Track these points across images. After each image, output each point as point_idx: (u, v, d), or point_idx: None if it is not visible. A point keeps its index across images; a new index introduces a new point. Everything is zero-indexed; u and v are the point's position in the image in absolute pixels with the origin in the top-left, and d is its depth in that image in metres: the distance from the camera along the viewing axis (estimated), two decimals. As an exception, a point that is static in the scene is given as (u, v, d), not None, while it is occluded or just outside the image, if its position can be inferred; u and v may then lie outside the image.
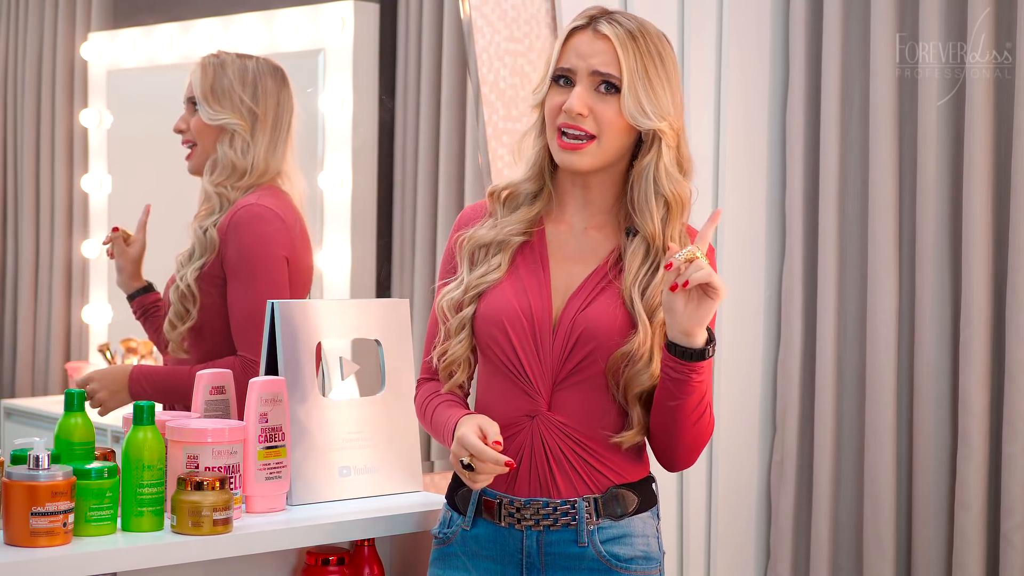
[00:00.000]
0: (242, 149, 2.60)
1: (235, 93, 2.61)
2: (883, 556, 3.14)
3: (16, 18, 3.20)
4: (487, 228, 2.07)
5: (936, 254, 3.08)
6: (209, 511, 1.98)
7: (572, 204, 2.07)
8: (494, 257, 2.04)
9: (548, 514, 2.00)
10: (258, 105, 2.62)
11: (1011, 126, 2.97)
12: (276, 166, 2.64)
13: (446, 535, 2.08)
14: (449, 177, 3.23)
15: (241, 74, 2.62)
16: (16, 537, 1.88)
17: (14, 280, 3.23)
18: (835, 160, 3.24)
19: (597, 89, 1.99)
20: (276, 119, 2.64)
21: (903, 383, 3.18)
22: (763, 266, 3.43)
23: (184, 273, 2.55)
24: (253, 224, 2.52)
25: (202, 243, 2.55)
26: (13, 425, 3.13)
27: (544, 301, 2.01)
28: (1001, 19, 3.01)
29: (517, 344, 2.00)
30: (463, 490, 2.07)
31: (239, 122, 2.60)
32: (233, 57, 2.65)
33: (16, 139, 3.22)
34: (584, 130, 1.98)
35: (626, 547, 2.01)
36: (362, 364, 2.45)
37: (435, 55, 3.23)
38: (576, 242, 2.06)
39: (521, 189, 2.07)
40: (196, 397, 2.23)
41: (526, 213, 2.06)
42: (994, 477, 3.01)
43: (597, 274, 2.03)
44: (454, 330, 2.04)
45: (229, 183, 2.60)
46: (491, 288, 2.03)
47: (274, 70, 2.67)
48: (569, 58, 2.01)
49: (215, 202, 2.59)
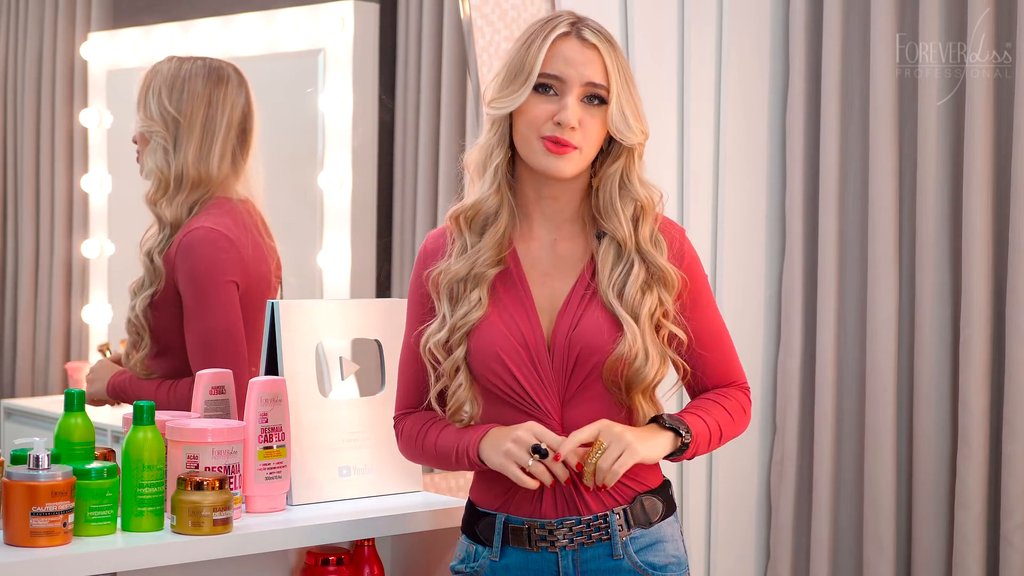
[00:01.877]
0: (163, 158, 2.50)
1: (160, 99, 2.50)
2: (883, 556, 3.14)
3: (16, 18, 3.20)
4: (459, 260, 2.00)
5: (936, 254, 3.08)
6: (209, 511, 1.98)
7: (537, 217, 2.03)
8: (472, 292, 1.99)
9: (582, 531, 1.98)
10: (181, 110, 2.50)
11: (1011, 126, 2.97)
12: (218, 173, 2.51)
13: (473, 569, 2.04)
14: (449, 177, 3.23)
15: (171, 79, 2.51)
16: (16, 537, 1.88)
17: (14, 280, 3.23)
18: (835, 160, 3.24)
19: (583, 101, 1.95)
20: (206, 122, 2.50)
21: (903, 383, 3.18)
22: (763, 266, 3.43)
23: (134, 303, 2.49)
24: (198, 249, 2.43)
25: (150, 272, 2.48)
26: (13, 425, 3.13)
27: (534, 324, 1.99)
28: (1001, 19, 3.01)
29: (518, 373, 1.97)
30: (484, 521, 2.03)
31: (158, 129, 2.50)
32: (173, 63, 2.54)
33: (16, 139, 3.22)
34: (572, 144, 1.94)
35: (659, 554, 2.01)
36: (362, 364, 2.44)
37: (435, 55, 3.23)
38: (548, 257, 2.03)
39: (484, 207, 2.00)
40: (196, 397, 2.23)
41: (493, 235, 1.99)
42: (994, 477, 3.01)
43: (579, 287, 2.00)
44: (449, 373, 2.00)
45: (161, 198, 2.50)
46: (477, 324, 1.99)
47: (210, 71, 2.53)
48: (557, 65, 1.95)
49: (155, 223, 2.51)
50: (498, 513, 2.01)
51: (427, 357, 2.02)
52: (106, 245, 3.31)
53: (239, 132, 2.56)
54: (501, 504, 2.01)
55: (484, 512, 2.03)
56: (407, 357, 2.09)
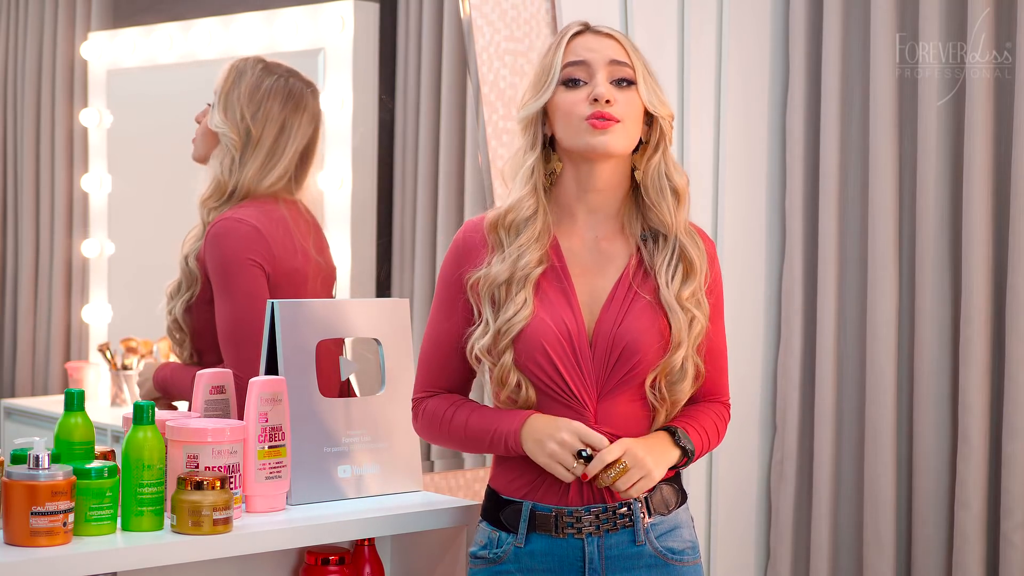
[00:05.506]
0: (228, 167, 2.52)
1: (240, 106, 2.53)
2: (883, 556, 3.14)
3: (16, 18, 3.20)
4: (500, 263, 2.03)
5: (936, 254, 3.08)
6: (209, 511, 1.98)
7: (580, 213, 2.08)
8: (518, 294, 2.02)
9: (608, 518, 2.03)
10: (255, 125, 2.52)
11: (1011, 126, 2.97)
12: (266, 187, 2.53)
13: (496, 555, 2.07)
14: (449, 177, 3.23)
15: (252, 90, 2.53)
16: (16, 537, 1.88)
17: (14, 280, 3.22)
18: (835, 160, 3.24)
19: (611, 84, 2.01)
20: (274, 145, 2.53)
21: (903, 383, 3.18)
22: (763, 266, 3.43)
23: (172, 306, 2.51)
24: (221, 238, 2.45)
25: (187, 275, 2.50)
26: (13, 425, 3.13)
27: (577, 317, 2.03)
28: (1001, 19, 3.01)
29: (560, 364, 2.01)
30: (510, 508, 2.06)
31: (231, 136, 2.52)
32: (259, 70, 2.55)
33: (16, 139, 3.22)
34: (614, 116, 1.99)
35: (677, 540, 2.07)
36: (362, 364, 2.44)
37: (435, 55, 3.23)
38: (590, 254, 2.07)
39: (521, 210, 2.04)
40: (196, 397, 2.23)
41: (530, 236, 2.03)
42: (994, 477, 3.01)
43: (621, 285, 2.05)
44: (498, 379, 2.03)
45: (212, 202, 2.52)
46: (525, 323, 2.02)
47: (290, 95, 2.55)
48: (578, 52, 2.02)
49: (199, 225, 2.53)
50: (524, 501, 2.05)
51: (472, 360, 2.06)
52: (106, 245, 3.31)
53: (303, 154, 2.59)
54: (527, 492, 2.05)
55: (509, 500, 2.07)
56: (434, 345, 2.11)
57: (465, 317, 2.07)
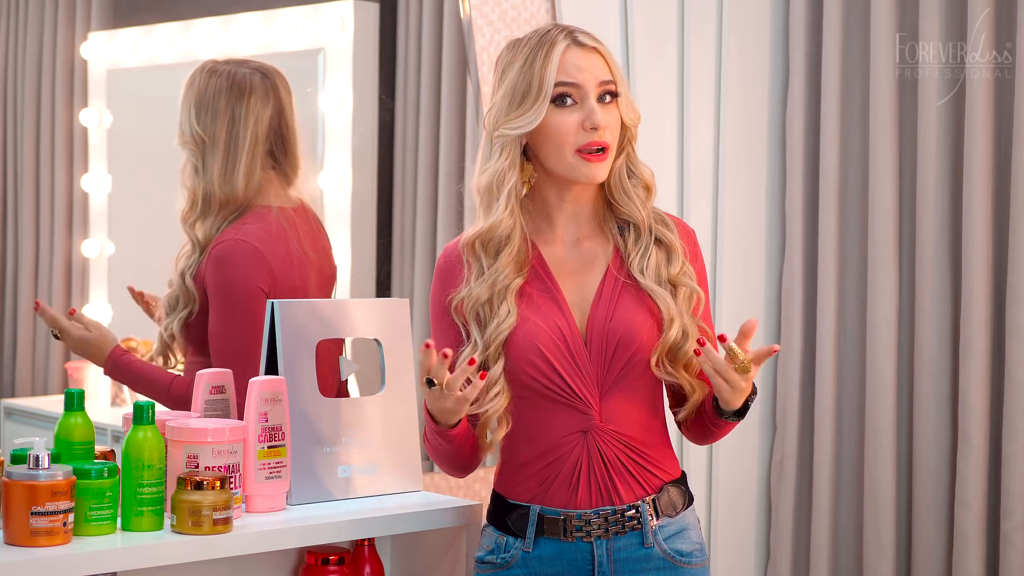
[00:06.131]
0: (193, 176, 2.49)
1: (190, 118, 2.50)
2: (883, 556, 3.14)
3: (16, 18, 3.20)
4: (479, 284, 2.04)
5: (936, 254, 3.08)
6: (209, 511, 1.98)
7: (561, 219, 2.08)
8: (500, 306, 2.03)
9: (616, 520, 2.03)
10: (206, 130, 2.48)
11: (1011, 126, 2.97)
12: (246, 189, 2.49)
13: (504, 560, 2.07)
14: (449, 177, 3.23)
15: (199, 97, 2.50)
16: (16, 537, 1.88)
17: (14, 280, 3.22)
18: (835, 160, 3.24)
19: (598, 101, 2.01)
20: (228, 140, 2.48)
21: (903, 383, 3.18)
22: (763, 266, 3.43)
23: (169, 322, 2.49)
24: (225, 261, 2.43)
25: (183, 293, 2.48)
26: (13, 425, 3.13)
27: (568, 318, 2.03)
28: (1001, 19, 3.01)
29: (557, 365, 2.01)
30: (517, 512, 2.06)
31: (190, 147, 2.50)
32: (202, 77, 2.52)
33: (16, 139, 3.22)
34: (605, 144, 2.00)
35: (685, 542, 2.08)
36: (362, 364, 2.44)
37: (435, 55, 3.23)
38: (573, 255, 2.08)
39: (499, 230, 2.03)
40: (196, 397, 2.23)
41: (509, 254, 2.03)
42: (994, 477, 3.01)
43: (608, 281, 2.06)
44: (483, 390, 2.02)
45: (194, 218, 2.49)
46: (512, 331, 2.02)
47: (232, 85, 2.49)
48: (570, 72, 2.00)
49: (188, 242, 2.51)
50: (531, 504, 2.05)
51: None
52: (106, 245, 3.30)
53: (273, 140, 2.55)
54: (534, 496, 2.05)
55: (515, 504, 2.07)
56: None
57: (458, 340, 2.08)
